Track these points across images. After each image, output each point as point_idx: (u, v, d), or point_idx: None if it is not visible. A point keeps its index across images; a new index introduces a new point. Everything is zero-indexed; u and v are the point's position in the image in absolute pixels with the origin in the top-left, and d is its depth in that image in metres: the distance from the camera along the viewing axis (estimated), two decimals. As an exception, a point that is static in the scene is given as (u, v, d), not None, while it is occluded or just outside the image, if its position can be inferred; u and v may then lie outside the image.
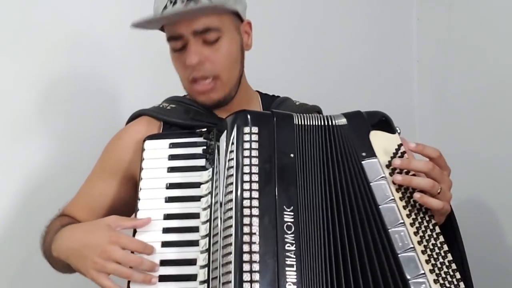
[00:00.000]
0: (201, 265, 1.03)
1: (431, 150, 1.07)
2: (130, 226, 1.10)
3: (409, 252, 0.97)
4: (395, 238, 0.98)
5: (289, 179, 1.03)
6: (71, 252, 1.10)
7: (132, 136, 1.27)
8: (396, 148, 1.08)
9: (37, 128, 1.74)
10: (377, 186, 1.04)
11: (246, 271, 0.94)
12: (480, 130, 1.95)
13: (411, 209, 1.02)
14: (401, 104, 2.30)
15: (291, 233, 0.98)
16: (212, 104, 1.27)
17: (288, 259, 0.95)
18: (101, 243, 1.03)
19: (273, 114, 1.10)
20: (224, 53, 1.23)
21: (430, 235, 1.00)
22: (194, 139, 1.17)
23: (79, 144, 1.78)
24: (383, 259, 0.97)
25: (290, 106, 1.38)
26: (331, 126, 1.11)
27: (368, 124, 1.11)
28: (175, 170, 1.14)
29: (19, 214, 1.69)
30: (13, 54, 1.72)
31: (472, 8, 2.05)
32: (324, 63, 2.21)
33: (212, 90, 1.24)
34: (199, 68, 1.21)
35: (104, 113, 1.83)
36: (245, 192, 1.00)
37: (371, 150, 1.07)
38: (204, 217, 1.07)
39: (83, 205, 1.31)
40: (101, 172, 1.32)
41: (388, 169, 1.06)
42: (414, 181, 1.02)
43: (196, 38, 1.20)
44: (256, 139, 1.05)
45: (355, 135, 1.09)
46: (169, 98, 1.37)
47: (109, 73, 1.85)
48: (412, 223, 1.01)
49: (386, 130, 1.10)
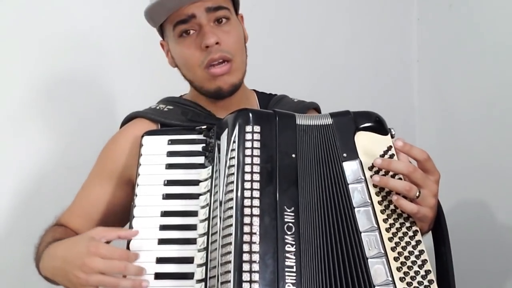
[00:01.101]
0: (198, 264, 1.02)
1: (418, 151, 1.04)
2: (116, 236, 1.06)
3: (378, 258, 0.96)
4: (366, 242, 0.98)
5: (290, 180, 1.02)
6: (56, 271, 1.08)
7: (128, 139, 1.26)
8: (384, 150, 1.06)
9: (37, 128, 1.73)
10: (355, 189, 1.03)
11: (246, 271, 0.93)
12: (480, 130, 1.95)
13: (389, 213, 1.01)
14: (401, 104, 2.31)
15: (291, 233, 0.97)
16: (229, 90, 1.23)
17: (288, 260, 0.95)
18: (80, 255, 1.00)
19: (275, 113, 1.09)
20: (235, 36, 1.23)
21: (408, 242, 0.99)
22: (194, 136, 1.15)
23: (79, 145, 1.77)
24: (352, 263, 0.96)
25: (288, 103, 1.36)
26: (321, 126, 1.09)
27: (353, 124, 1.09)
28: (173, 167, 1.13)
29: (19, 214, 1.68)
30: (13, 54, 1.71)
31: (472, 8, 2.05)
32: (324, 63, 2.21)
33: (229, 73, 1.21)
34: (216, 48, 1.19)
35: (104, 113, 1.82)
36: (246, 191, 0.99)
37: (354, 152, 1.06)
38: (202, 215, 1.05)
39: (80, 211, 1.29)
40: (97, 177, 1.30)
41: (371, 171, 1.04)
42: (391, 182, 1.00)
43: (209, 16, 1.19)
44: (258, 138, 1.04)
45: (339, 135, 1.07)
46: (165, 99, 1.35)
47: (109, 73, 1.84)
48: (388, 228, 1.00)
49: (378, 132, 1.08)
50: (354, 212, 1.00)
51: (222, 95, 1.24)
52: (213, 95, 1.25)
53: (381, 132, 1.08)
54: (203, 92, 1.26)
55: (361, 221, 1.00)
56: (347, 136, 1.07)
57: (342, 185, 1.03)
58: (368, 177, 1.03)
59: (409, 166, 1.01)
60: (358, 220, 1.00)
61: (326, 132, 1.08)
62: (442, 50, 2.21)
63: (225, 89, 1.23)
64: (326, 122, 1.09)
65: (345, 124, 1.09)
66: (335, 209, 1.01)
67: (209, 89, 1.24)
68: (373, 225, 0.99)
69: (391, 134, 1.08)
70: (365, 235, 0.99)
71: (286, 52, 2.13)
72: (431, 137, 2.20)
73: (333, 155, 1.06)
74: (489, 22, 1.95)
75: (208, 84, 1.23)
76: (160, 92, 1.39)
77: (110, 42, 1.84)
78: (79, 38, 1.80)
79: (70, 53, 1.78)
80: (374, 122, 1.09)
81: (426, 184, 1.02)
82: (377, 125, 1.09)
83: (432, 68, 2.28)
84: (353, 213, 1.00)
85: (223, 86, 1.22)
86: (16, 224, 1.67)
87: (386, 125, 1.09)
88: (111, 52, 1.84)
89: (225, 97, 1.25)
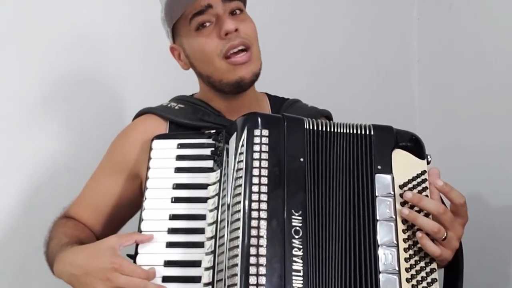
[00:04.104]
0: (205, 267, 1.02)
1: (456, 195, 1.03)
2: (133, 242, 1.07)
3: (392, 275, 0.97)
4: (382, 256, 0.98)
5: (298, 184, 1.02)
6: (74, 278, 1.07)
7: (138, 134, 1.26)
8: (418, 173, 1.06)
9: (38, 127, 1.72)
10: (382, 201, 1.03)
11: (253, 274, 0.94)
12: (480, 130, 1.95)
13: (410, 234, 1.01)
14: (402, 104, 2.30)
15: (299, 237, 0.98)
16: (251, 80, 1.22)
17: (295, 264, 0.95)
18: (104, 271, 1.01)
19: (284, 117, 1.09)
20: (251, 25, 1.24)
21: (422, 267, 1.00)
22: (203, 140, 1.16)
23: (80, 144, 1.76)
24: (363, 274, 0.97)
25: (301, 107, 1.36)
26: (357, 135, 1.09)
27: (394, 140, 1.09)
28: (182, 170, 1.13)
29: (19, 213, 1.67)
30: (15, 54, 1.70)
31: (472, 8, 2.04)
32: (324, 62, 2.20)
33: (250, 61, 1.20)
34: (235, 35, 1.19)
35: (105, 113, 1.81)
36: (254, 194, 0.99)
37: (388, 166, 1.06)
38: (210, 219, 1.06)
39: (88, 203, 1.30)
40: (107, 170, 1.31)
41: (401, 190, 1.04)
42: (419, 220, 1.00)
43: (225, 7, 1.20)
44: (267, 142, 1.04)
45: (377, 148, 1.07)
46: (177, 97, 1.35)
47: (111, 72, 1.83)
48: (407, 248, 1.00)
49: (415, 154, 1.09)
50: (376, 224, 1.01)
51: (243, 86, 1.22)
52: (233, 87, 1.23)
53: (419, 155, 1.09)
54: (222, 86, 1.24)
55: (381, 234, 1.00)
56: (385, 150, 1.08)
57: (369, 196, 1.03)
58: (397, 195, 1.03)
59: (439, 207, 1.01)
60: (379, 232, 1.00)
61: (360, 142, 1.08)
62: (442, 50, 2.21)
63: (247, 78, 1.21)
64: (364, 132, 1.09)
65: (385, 138, 1.09)
66: (358, 218, 1.02)
67: (229, 81, 1.21)
68: (394, 241, 1.00)
69: (428, 160, 1.09)
70: (383, 248, 0.99)
71: (285, 52, 2.12)
72: (431, 137, 2.19)
73: (366, 165, 1.06)
74: (489, 22, 1.94)
75: (228, 75, 1.21)
76: (162, 91, 1.40)
77: (113, 41, 1.83)
78: (81, 37, 1.79)
79: (71, 54, 1.77)
80: (414, 143, 1.10)
81: (454, 227, 1.02)
82: (416, 147, 1.10)
83: (432, 68, 2.27)
84: (375, 225, 1.01)
85: (245, 75, 1.20)
86: (17, 224, 1.66)
87: (424, 149, 1.10)
88: (114, 51, 1.83)
89: (245, 89, 1.24)
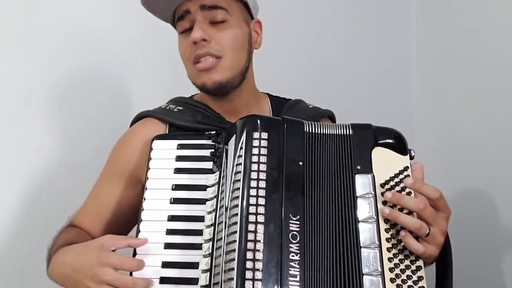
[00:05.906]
0: (203, 269, 1.02)
1: (429, 189, 1.01)
2: (126, 245, 1.06)
3: (375, 276, 0.96)
4: (364, 258, 0.97)
5: (296, 188, 1.01)
6: (65, 278, 1.07)
7: (138, 139, 1.25)
8: (400, 170, 1.05)
9: (39, 127, 1.72)
10: (363, 202, 1.02)
11: (249, 279, 0.93)
12: (478, 129, 1.95)
13: (393, 233, 1.01)
14: (401, 104, 2.30)
15: (296, 242, 0.97)
16: (213, 88, 1.21)
17: (292, 269, 0.95)
18: (92, 266, 0.99)
19: (284, 120, 1.08)
20: (230, 35, 1.21)
21: (407, 265, 0.98)
22: (203, 141, 1.15)
23: (81, 144, 1.76)
24: (347, 277, 0.96)
25: (303, 108, 1.36)
26: (339, 135, 1.08)
27: (373, 138, 1.07)
28: (182, 171, 1.13)
29: (20, 214, 1.66)
30: (16, 54, 1.70)
31: (472, 8, 2.04)
32: (323, 63, 2.20)
33: (213, 69, 1.20)
34: (203, 44, 1.19)
35: (106, 113, 1.81)
36: (252, 198, 0.99)
37: (368, 165, 1.05)
38: (209, 221, 1.05)
39: (91, 211, 1.29)
40: (108, 177, 1.30)
41: (383, 188, 1.03)
42: (401, 218, 0.99)
43: (204, 14, 1.19)
44: (265, 145, 1.03)
45: (356, 147, 1.06)
46: (175, 99, 1.34)
47: (111, 72, 1.83)
48: (390, 247, 0.99)
49: (397, 150, 1.07)
50: (357, 226, 1.00)
51: (208, 91, 1.24)
52: (208, 91, 1.24)
53: (401, 151, 1.07)
54: (200, 89, 1.26)
55: (363, 235, 0.99)
56: (364, 149, 1.06)
57: (350, 197, 1.02)
58: (378, 194, 1.02)
59: (419, 203, 0.99)
60: (361, 234, 0.99)
61: (343, 142, 1.07)
62: (441, 50, 2.21)
63: (209, 85, 1.21)
64: (345, 132, 1.08)
65: (364, 137, 1.07)
66: (342, 220, 1.01)
67: (196, 85, 1.25)
68: (376, 242, 0.99)
69: (411, 155, 1.07)
70: (365, 250, 0.98)
71: (285, 52, 2.12)
72: (430, 137, 2.20)
73: (347, 166, 1.05)
74: (489, 22, 1.94)
75: (195, 79, 1.24)
76: (164, 92, 1.39)
77: (114, 41, 1.83)
78: (82, 38, 1.79)
79: (71, 54, 1.77)
80: (394, 140, 1.08)
81: (436, 222, 1.01)
82: (398, 144, 1.08)
83: (431, 68, 2.27)
84: (357, 227, 1.00)
85: (206, 82, 1.21)
86: (17, 224, 1.66)
87: (406, 145, 1.08)
88: (115, 51, 1.83)
89: (222, 93, 1.24)
